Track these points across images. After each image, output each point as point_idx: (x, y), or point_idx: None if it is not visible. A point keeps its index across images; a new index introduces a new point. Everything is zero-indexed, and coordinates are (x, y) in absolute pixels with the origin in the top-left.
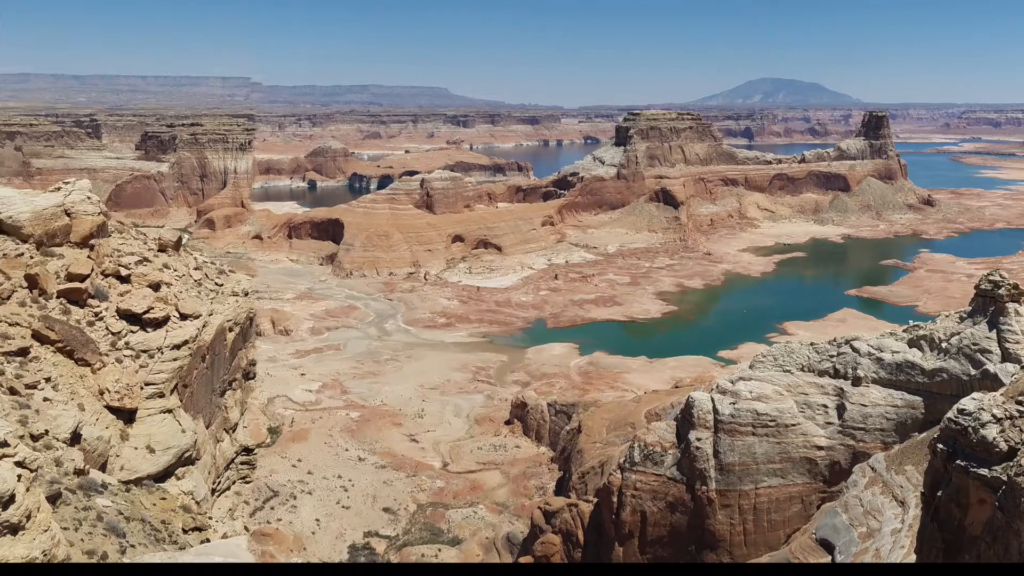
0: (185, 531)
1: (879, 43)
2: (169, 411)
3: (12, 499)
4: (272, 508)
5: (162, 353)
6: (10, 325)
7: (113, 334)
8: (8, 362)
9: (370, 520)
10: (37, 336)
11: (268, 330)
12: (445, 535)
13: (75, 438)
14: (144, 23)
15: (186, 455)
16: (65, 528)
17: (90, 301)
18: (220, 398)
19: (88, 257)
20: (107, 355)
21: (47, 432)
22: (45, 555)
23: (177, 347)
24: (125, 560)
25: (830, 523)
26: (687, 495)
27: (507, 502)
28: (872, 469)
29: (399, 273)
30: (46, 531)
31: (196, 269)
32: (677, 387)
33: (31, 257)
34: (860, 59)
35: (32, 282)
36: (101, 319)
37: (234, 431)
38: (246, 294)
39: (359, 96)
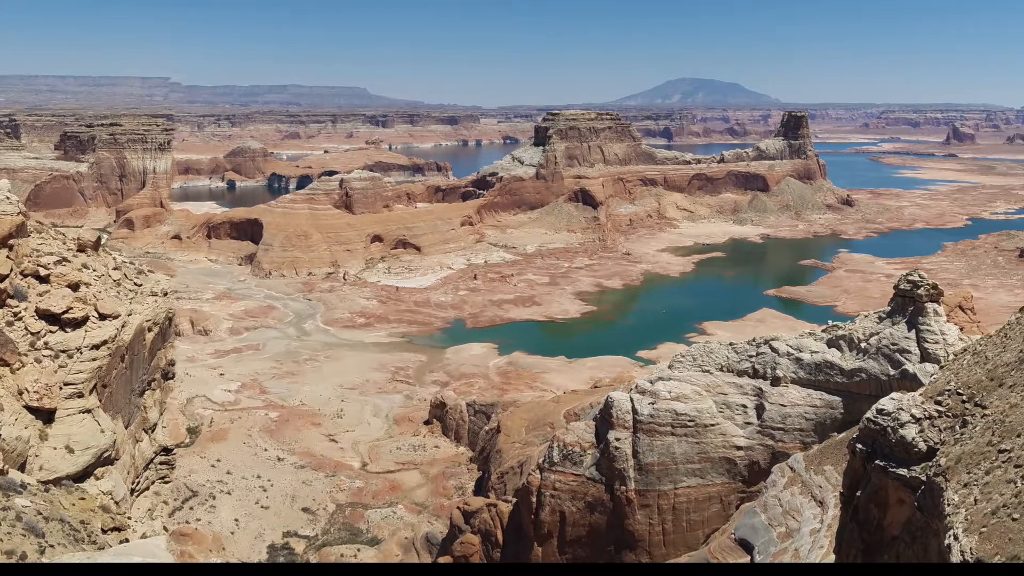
0: (104, 531)
1: (798, 43)
2: (88, 411)
3: None
4: (191, 508)
5: (81, 353)
6: None
7: (32, 334)
8: None
9: (289, 520)
10: None
11: (187, 330)
12: (364, 535)
13: None
14: (63, 22)
15: (105, 455)
16: None
17: (9, 301)
18: (139, 398)
19: (7, 257)
20: (26, 355)
21: None
22: None
23: (96, 347)
24: (44, 560)
25: (749, 523)
26: (606, 495)
27: (426, 502)
28: (791, 469)
29: (318, 273)
30: None
31: (115, 269)
32: (596, 387)
33: None
34: (779, 59)
35: None
36: (20, 319)
37: (153, 431)
38: (165, 294)
39: (278, 96)
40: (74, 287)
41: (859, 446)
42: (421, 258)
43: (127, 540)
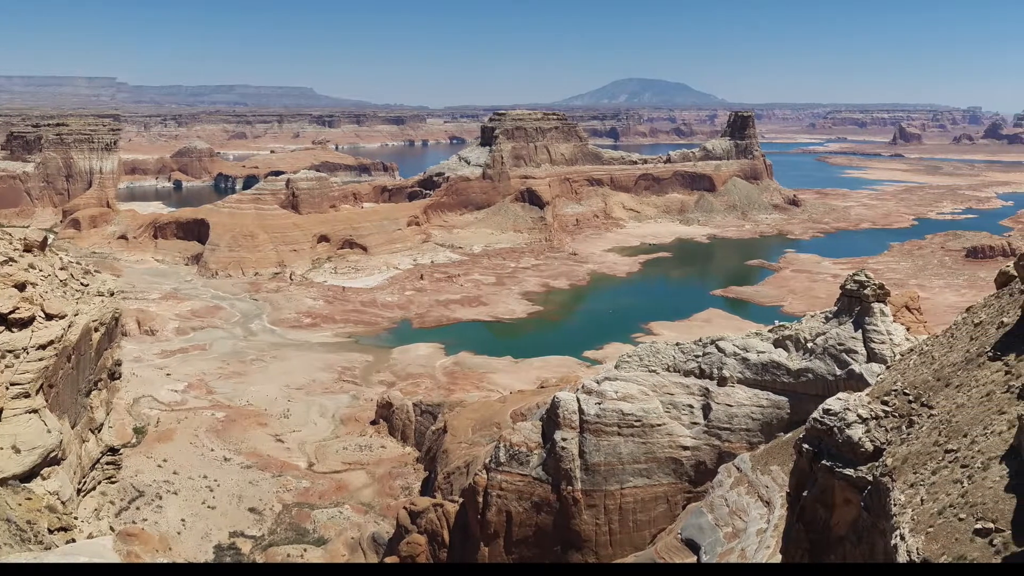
0: (51, 531)
1: (745, 43)
2: (35, 411)
3: None
4: (138, 508)
5: (27, 353)
6: None
7: None
8: None
9: (236, 520)
10: None
11: (134, 330)
12: (311, 535)
13: None
14: (8, 22)
15: (52, 455)
16: None
17: None
18: (86, 398)
19: None
20: None
21: None
22: None
23: (43, 347)
24: None
25: (696, 523)
26: (553, 495)
27: (373, 502)
28: (738, 469)
29: (265, 273)
30: None
31: (62, 269)
32: (543, 387)
33: None
34: (726, 59)
35: None
36: None
37: (100, 431)
38: (112, 294)
39: (225, 96)
40: (20, 287)
41: (805, 446)
42: (367, 258)
43: (73, 540)
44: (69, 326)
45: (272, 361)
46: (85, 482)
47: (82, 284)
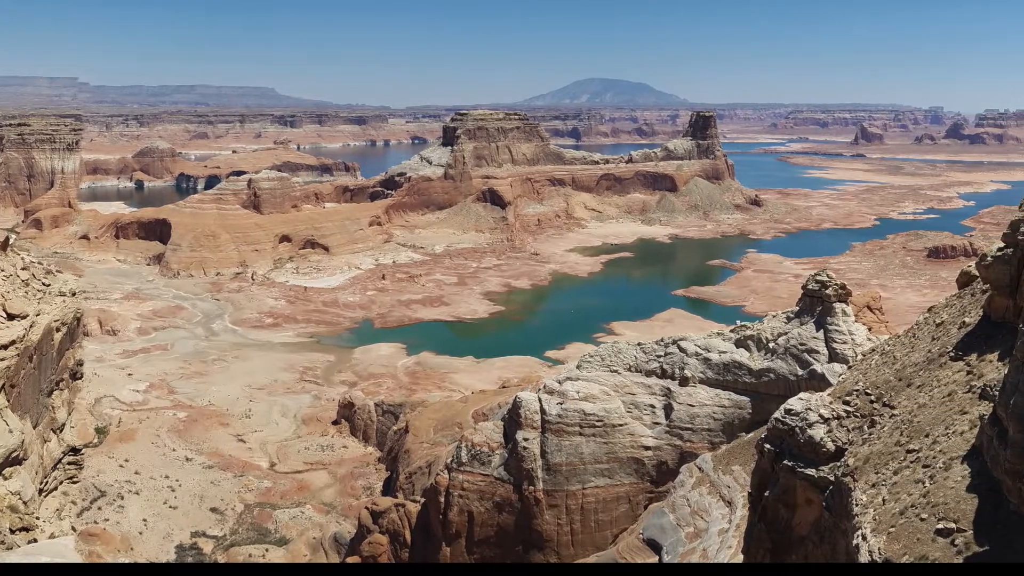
0: (12, 531)
1: (707, 44)
2: None
3: None
4: (99, 508)
5: None
6: None
7: None
8: None
9: (197, 520)
10: None
11: (95, 330)
12: (272, 535)
13: None
14: None
15: (13, 455)
16: None
17: None
18: (47, 398)
19: None
20: None
21: None
22: None
23: (4, 347)
24: None
25: (657, 523)
26: (514, 495)
27: (334, 502)
28: (699, 469)
29: (226, 273)
30: None
31: (23, 269)
32: (504, 387)
33: None
34: (688, 60)
35: None
36: None
37: (61, 431)
38: (73, 294)
39: (186, 96)
40: None
41: (767, 446)
42: (329, 258)
43: (35, 540)
44: (31, 326)
45: (234, 361)
46: (47, 482)
47: (44, 284)
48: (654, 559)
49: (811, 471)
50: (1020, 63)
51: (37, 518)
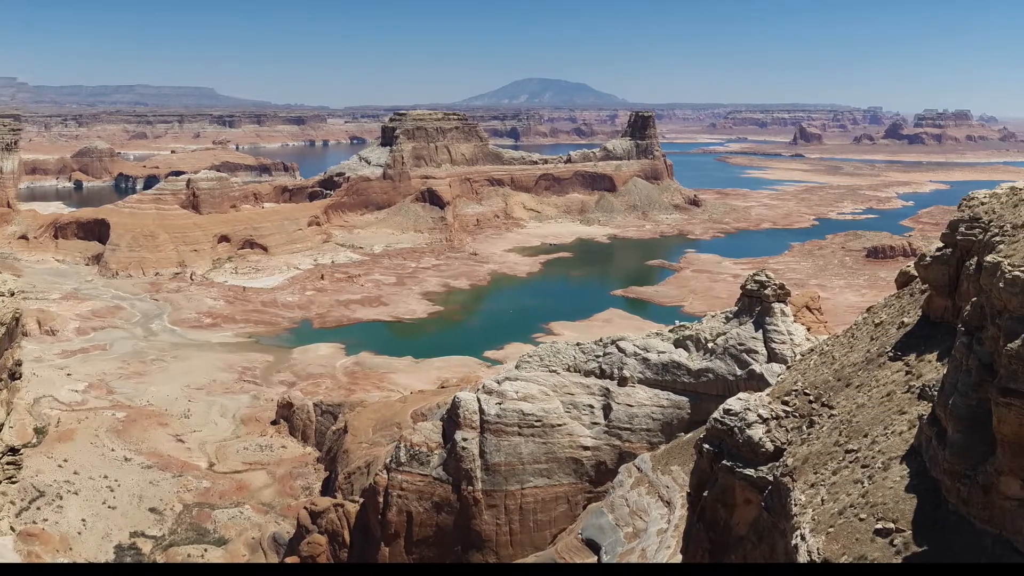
0: None
1: (645, 43)
2: None
3: None
4: (38, 508)
5: None
6: None
7: None
8: None
9: (136, 520)
10: None
11: (34, 330)
12: (211, 535)
13: None
14: None
15: None
16: None
17: None
18: None
19: None
20: None
21: None
22: None
23: None
24: None
25: (596, 523)
26: (453, 495)
27: (273, 502)
28: (638, 469)
29: (165, 273)
30: None
31: None
32: (443, 387)
33: None
34: (626, 60)
35: None
36: None
37: (0, 431)
38: (12, 294)
39: (125, 96)
40: None
41: (706, 446)
42: (268, 258)
43: None
44: None
45: (173, 361)
46: None
47: None
48: (593, 559)
49: (750, 471)
50: (959, 63)
51: None
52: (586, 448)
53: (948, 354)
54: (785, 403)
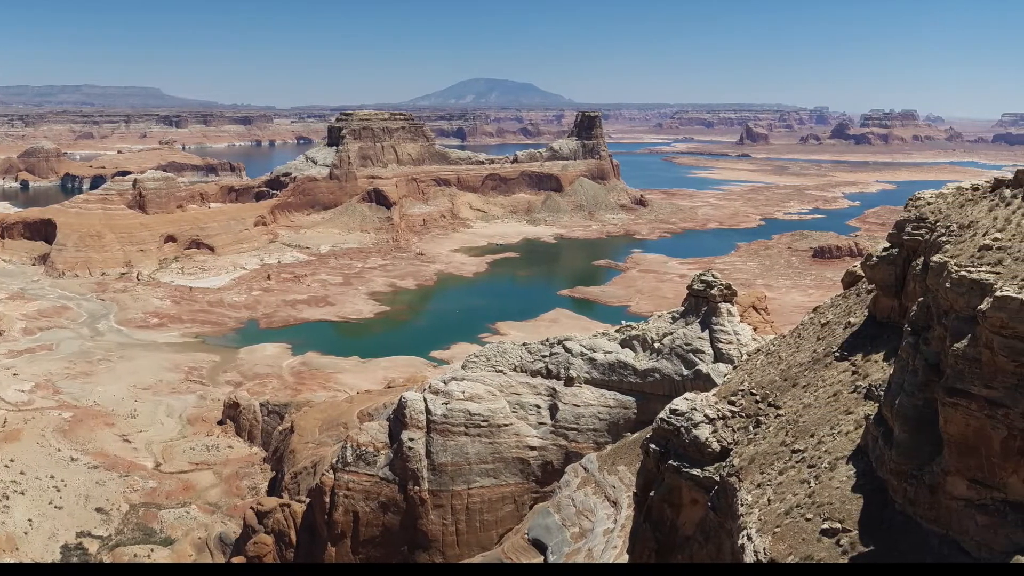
0: None
1: (591, 44)
2: None
3: None
4: None
5: None
6: None
7: None
8: None
9: (83, 520)
10: None
11: None
12: (158, 535)
13: None
14: None
15: None
16: None
17: None
18: None
19: None
20: None
21: None
22: None
23: None
24: None
25: (542, 523)
26: (400, 495)
27: (220, 502)
28: (584, 469)
29: (112, 273)
30: None
31: None
32: (390, 387)
33: None
34: (572, 59)
35: None
36: None
37: None
38: None
39: (72, 96)
40: None
41: (652, 446)
42: (215, 258)
43: None
44: None
45: (119, 361)
46: None
47: None
48: (539, 559)
49: (696, 471)
50: (906, 64)
51: None
52: (533, 448)
53: (894, 354)
54: (732, 403)
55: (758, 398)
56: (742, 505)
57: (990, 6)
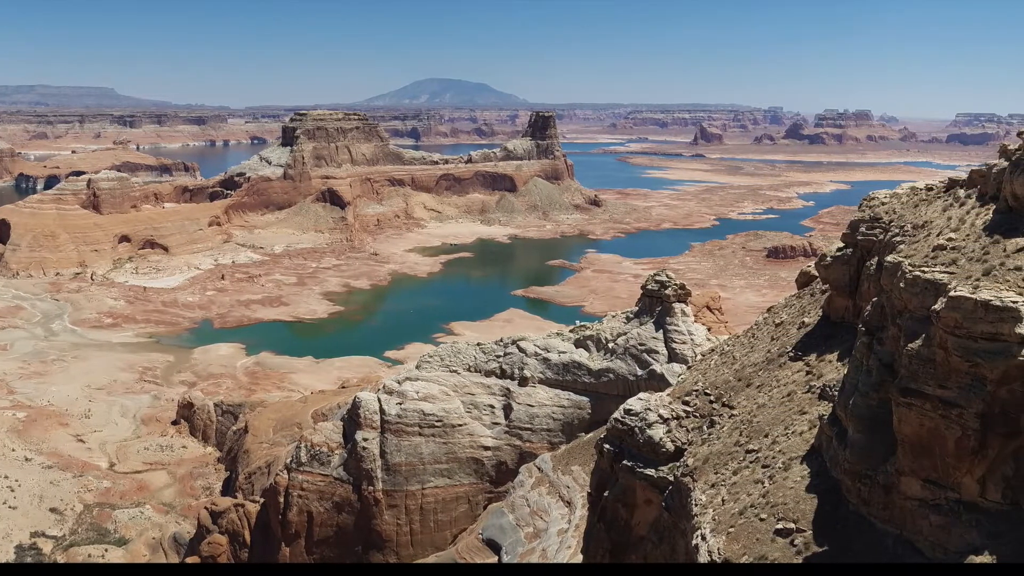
0: None
1: (546, 44)
2: None
3: None
4: None
5: None
6: None
7: None
8: None
9: (37, 520)
10: None
11: None
12: (112, 535)
13: None
14: None
15: None
16: None
17: None
18: None
19: None
20: None
21: None
22: None
23: None
24: None
25: (496, 523)
26: (354, 495)
27: (174, 502)
28: (539, 469)
29: (66, 273)
30: None
31: None
32: (344, 387)
33: None
34: (527, 60)
35: None
36: None
37: None
38: None
39: (26, 96)
40: None
41: (606, 446)
42: (169, 258)
43: None
44: None
45: (73, 361)
46: None
47: None
48: (493, 559)
49: (650, 471)
50: (860, 64)
51: None
52: (487, 448)
53: (849, 354)
54: (686, 403)
55: (712, 398)
56: (696, 505)
57: (945, 7)
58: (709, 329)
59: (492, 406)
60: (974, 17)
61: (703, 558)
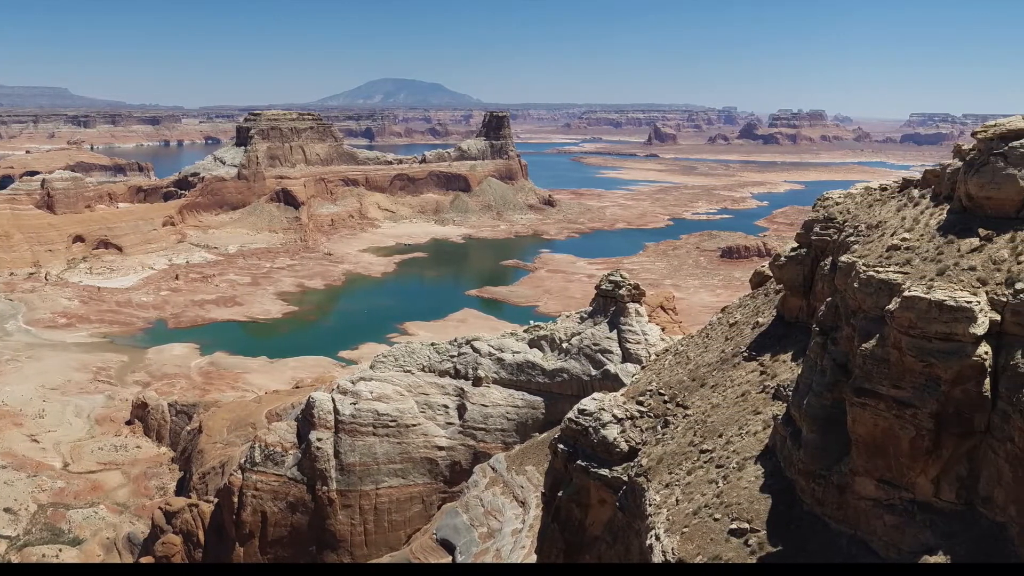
0: None
1: (499, 44)
2: None
3: None
4: None
5: None
6: None
7: None
8: None
9: None
10: None
11: None
12: (66, 535)
13: None
14: None
15: None
16: None
17: None
18: None
19: None
20: None
21: None
22: None
23: None
24: None
25: (451, 523)
26: (308, 495)
27: (128, 502)
28: (493, 469)
29: (20, 273)
30: None
31: None
32: (298, 387)
33: None
34: (481, 60)
35: None
36: None
37: None
38: None
39: None
40: None
41: (560, 446)
42: (123, 258)
43: None
44: None
45: (27, 361)
46: None
47: None
48: (447, 559)
49: (604, 471)
50: (814, 64)
51: None
52: (441, 448)
53: (803, 354)
54: (640, 403)
55: (666, 398)
56: (650, 505)
57: (899, 8)
58: (663, 329)
59: (446, 406)
60: (928, 18)
61: (657, 558)
